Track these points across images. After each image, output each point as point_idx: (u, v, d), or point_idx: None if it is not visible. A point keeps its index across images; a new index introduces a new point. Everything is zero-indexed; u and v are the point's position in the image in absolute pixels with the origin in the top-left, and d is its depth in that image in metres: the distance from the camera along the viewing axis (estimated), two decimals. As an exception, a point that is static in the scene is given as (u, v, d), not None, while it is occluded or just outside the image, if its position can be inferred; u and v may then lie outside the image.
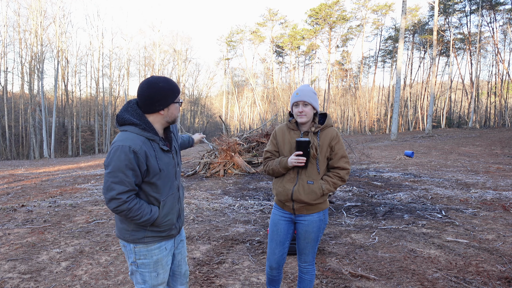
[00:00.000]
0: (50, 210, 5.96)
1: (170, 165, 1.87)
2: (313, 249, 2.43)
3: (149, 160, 1.73)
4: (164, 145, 1.83)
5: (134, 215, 1.74)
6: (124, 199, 1.70)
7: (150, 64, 46.90)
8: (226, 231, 4.75)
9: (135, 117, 1.76)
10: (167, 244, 1.95)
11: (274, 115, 22.70)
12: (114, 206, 1.70)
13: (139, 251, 1.86)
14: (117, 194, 1.68)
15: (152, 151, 1.75)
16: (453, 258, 3.66)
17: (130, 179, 1.69)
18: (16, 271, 3.44)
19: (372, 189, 7.56)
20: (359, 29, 44.13)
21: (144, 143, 1.73)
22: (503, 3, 32.77)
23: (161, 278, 1.93)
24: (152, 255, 1.87)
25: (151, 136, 1.76)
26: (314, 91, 2.34)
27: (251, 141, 11.08)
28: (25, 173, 13.22)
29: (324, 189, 2.26)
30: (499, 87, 35.33)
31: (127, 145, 1.67)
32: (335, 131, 2.34)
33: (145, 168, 1.73)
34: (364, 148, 16.72)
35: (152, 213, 1.79)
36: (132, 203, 1.72)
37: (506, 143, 17.98)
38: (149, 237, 1.85)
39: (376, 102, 50.93)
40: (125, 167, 1.67)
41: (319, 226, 2.36)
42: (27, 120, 35.90)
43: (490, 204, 6.03)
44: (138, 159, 1.69)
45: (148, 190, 1.80)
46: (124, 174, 1.67)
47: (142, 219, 1.76)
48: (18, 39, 35.86)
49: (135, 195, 1.77)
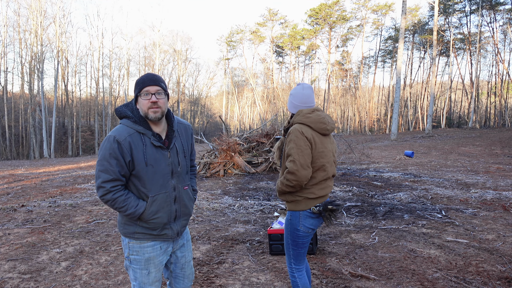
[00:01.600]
0: (50, 210, 5.96)
1: (161, 162, 1.84)
2: (286, 250, 2.40)
3: (134, 152, 1.77)
4: (155, 141, 1.82)
5: (119, 206, 1.78)
6: (108, 188, 1.75)
7: (150, 64, 46.89)
8: (226, 231, 4.75)
9: (129, 109, 1.85)
10: (163, 245, 1.93)
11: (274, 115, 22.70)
12: (100, 194, 1.77)
13: (132, 247, 1.89)
14: (102, 182, 1.75)
15: (140, 144, 1.79)
16: (453, 258, 3.66)
17: (114, 168, 1.75)
18: (16, 271, 3.44)
19: (372, 189, 7.56)
20: (359, 29, 44.12)
21: (131, 135, 1.78)
22: (503, 3, 32.77)
23: (152, 277, 1.91)
24: (144, 253, 1.88)
25: (142, 129, 1.80)
26: (292, 91, 2.41)
27: (251, 141, 11.09)
28: (25, 173, 13.22)
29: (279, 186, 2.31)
30: (499, 87, 35.33)
31: (112, 135, 1.76)
32: (294, 128, 2.26)
33: (130, 159, 1.77)
34: (364, 148, 16.72)
35: (138, 207, 1.80)
36: (117, 194, 1.77)
37: (506, 143, 17.98)
38: (139, 233, 1.86)
39: (376, 102, 50.93)
40: (109, 156, 1.74)
41: (286, 226, 2.35)
42: (27, 120, 35.88)
43: (490, 204, 6.03)
44: (121, 149, 1.75)
45: (137, 184, 1.83)
46: (109, 162, 1.74)
47: (128, 211, 1.79)
48: (18, 39, 35.87)
49: (123, 187, 1.82)
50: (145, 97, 1.80)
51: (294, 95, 2.37)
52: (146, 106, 1.79)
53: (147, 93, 1.80)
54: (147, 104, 1.79)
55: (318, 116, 2.27)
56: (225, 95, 53.71)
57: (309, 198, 2.25)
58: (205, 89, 60.63)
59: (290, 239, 2.33)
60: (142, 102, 1.81)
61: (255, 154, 10.68)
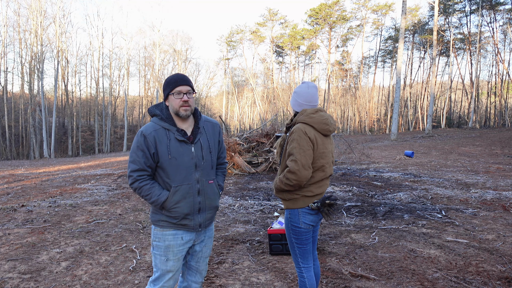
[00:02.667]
0: (50, 210, 5.96)
1: (185, 155, 1.98)
2: (292, 250, 2.38)
3: (158, 145, 1.95)
4: (179, 135, 1.98)
5: (145, 194, 1.97)
6: (135, 176, 1.96)
7: (150, 64, 46.86)
8: (226, 231, 4.75)
9: (158, 109, 2.05)
10: (184, 235, 2.04)
11: (274, 115, 22.69)
12: (130, 182, 1.99)
13: (155, 233, 2.05)
14: (131, 171, 1.98)
15: (165, 139, 1.96)
16: (453, 258, 3.66)
17: (140, 159, 1.95)
18: (16, 271, 3.44)
19: (372, 189, 7.56)
20: (359, 29, 44.13)
21: (156, 130, 1.97)
22: (503, 3, 32.78)
23: (170, 265, 2.03)
24: (165, 240, 2.02)
25: (167, 126, 1.98)
26: (296, 89, 2.40)
27: (251, 141, 11.09)
28: (25, 173, 13.22)
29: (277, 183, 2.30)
30: (499, 87, 35.33)
31: (141, 130, 1.98)
32: (297, 127, 2.25)
33: (154, 151, 1.95)
34: (364, 148, 16.73)
35: (160, 196, 1.96)
36: (143, 183, 1.97)
37: (506, 143, 17.98)
38: (163, 221, 2.02)
39: (376, 102, 50.92)
40: (136, 148, 1.96)
41: (286, 225, 2.35)
42: (27, 120, 35.87)
43: (490, 204, 6.03)
44: (147, 141, 1.94)
45: (162, 175, 2.00)
46: (136, 154, 1.96)
47: (152, 199, 1.96)
48: (18, 39, 35.84)
49: (149, 177, 2.00)
50: (178, 96, 1.96)
51: (298, 93, 2.36)
52: (178, 104, 1.96)
53: (179, 92, 1.96)
54: (179, 103, 1.96)
55: (322, 117, 2.27)
56: (225, 95, 53.69)
57: (307, 196, 2.26)
58: (205, 89, 60.58)
59: (293, 237, 2.33)
60: (174, 101, 1.97)
61: (255, 154, 10.68)
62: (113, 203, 6.54)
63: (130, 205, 6.40)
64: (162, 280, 2.04)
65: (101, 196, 7.22)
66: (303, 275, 2.34)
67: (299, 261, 2.35)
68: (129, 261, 3.68)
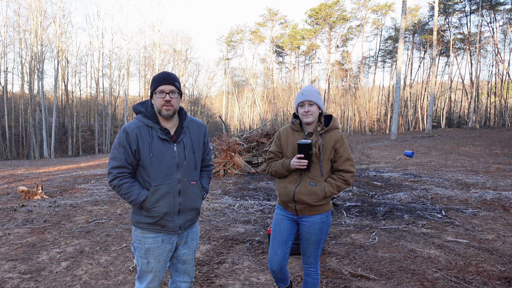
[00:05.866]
0: (50, 210, 5.96)
1: (167, 154, 1.95)
2: (315, 252, 2.39)
3: (140, 143, 1.92)
4: (162, 134, 1.95)
5: (124, 192, 1.93)
6: (115, 173, 1.92)
7: (150, 64, 46.90)
8: (226, 231, 4.76)
9: (143, 107, 2.02)
10: (165, 238, 2.01)
11: (274, 115, 22.70)
12: (109, 179, 1.94)
13: (136, 235, 2.03)
14: (111, 168, 1.93)
15: (147, 136, 1.93)
16: (453, 258, 3.66)
17: (121, 156, 1.91)
18: (16, 271, 3.44)
19: (372, 189, 7.56)
20: (359, 29, 44.11)
21: (139, 127, 1.94)
22: (503, 3, 32.77)
23: (151, 267, 2.01)
24: (145, 243, 1.99)
25: (150, 123, 1.95)
26: (318, 91, 2.35)
27: (251, 141, 11.09)
28: (25, 173, 13.22)
29: (327, 191, 2.25)
30: (499, 87, 35.32)
31: (123, 127, 1.95)
32: (340, 133, 2.32)
33: (136, 148, 1.92)
34: (364, 148, 16.73)
35: (140, 195, 1.92)
36: (123, 181, 1.93)
37: (506, 143, 17.98)
38: (143, 223, 1.98)
39: (376, 102, 50.91)
40: (118, 144, 1.93)
41: (321, 228, 2.35)
42: (27, 120, 35.88)
43: (490, 204, 6.03)
44: (129, 138, 1.91)
45: (142, 174, 1.97)
46: (117, 150, 1.93)
47: (131, 198, 1.93)
48: (18, 39, 35.86)
49: (130, 175, 1.96)
50: (160, 95, 1.93)
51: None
52: (160, 103, 1.93)
53: (162, 91, 1.92)
54: (161, 102, 1.93)
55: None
56: (225, 95, 53.68)
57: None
58: (205, 89, 60.60)
59: (323, 238, 2.41)
60: (156, 100, 1.94)
61: (255, 154, 10.68)
62: (113, 203, 6.54)
63: (130, 205, 6.40)
64: (146, 280, 2.03)
65: (101, 196, 7.22)
66: (318, 273, 2.47)
67: (318, 261, 2.47)
68: (129, 261, 3.69)
